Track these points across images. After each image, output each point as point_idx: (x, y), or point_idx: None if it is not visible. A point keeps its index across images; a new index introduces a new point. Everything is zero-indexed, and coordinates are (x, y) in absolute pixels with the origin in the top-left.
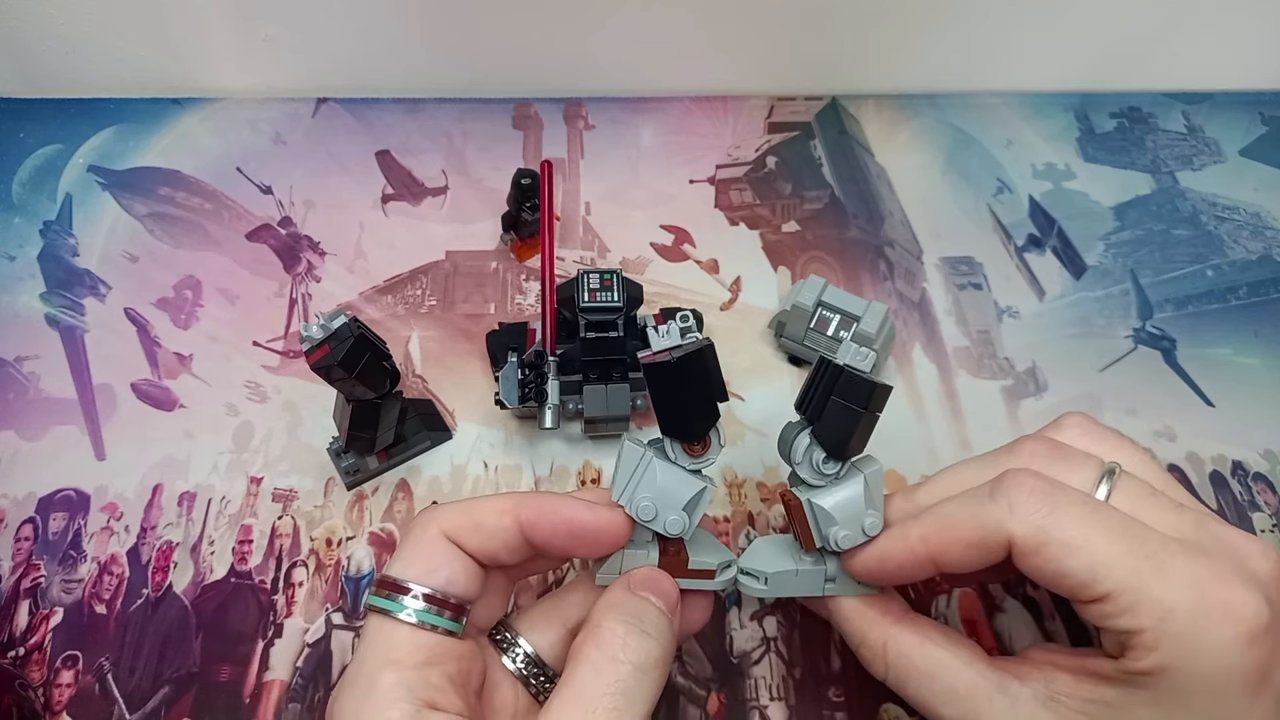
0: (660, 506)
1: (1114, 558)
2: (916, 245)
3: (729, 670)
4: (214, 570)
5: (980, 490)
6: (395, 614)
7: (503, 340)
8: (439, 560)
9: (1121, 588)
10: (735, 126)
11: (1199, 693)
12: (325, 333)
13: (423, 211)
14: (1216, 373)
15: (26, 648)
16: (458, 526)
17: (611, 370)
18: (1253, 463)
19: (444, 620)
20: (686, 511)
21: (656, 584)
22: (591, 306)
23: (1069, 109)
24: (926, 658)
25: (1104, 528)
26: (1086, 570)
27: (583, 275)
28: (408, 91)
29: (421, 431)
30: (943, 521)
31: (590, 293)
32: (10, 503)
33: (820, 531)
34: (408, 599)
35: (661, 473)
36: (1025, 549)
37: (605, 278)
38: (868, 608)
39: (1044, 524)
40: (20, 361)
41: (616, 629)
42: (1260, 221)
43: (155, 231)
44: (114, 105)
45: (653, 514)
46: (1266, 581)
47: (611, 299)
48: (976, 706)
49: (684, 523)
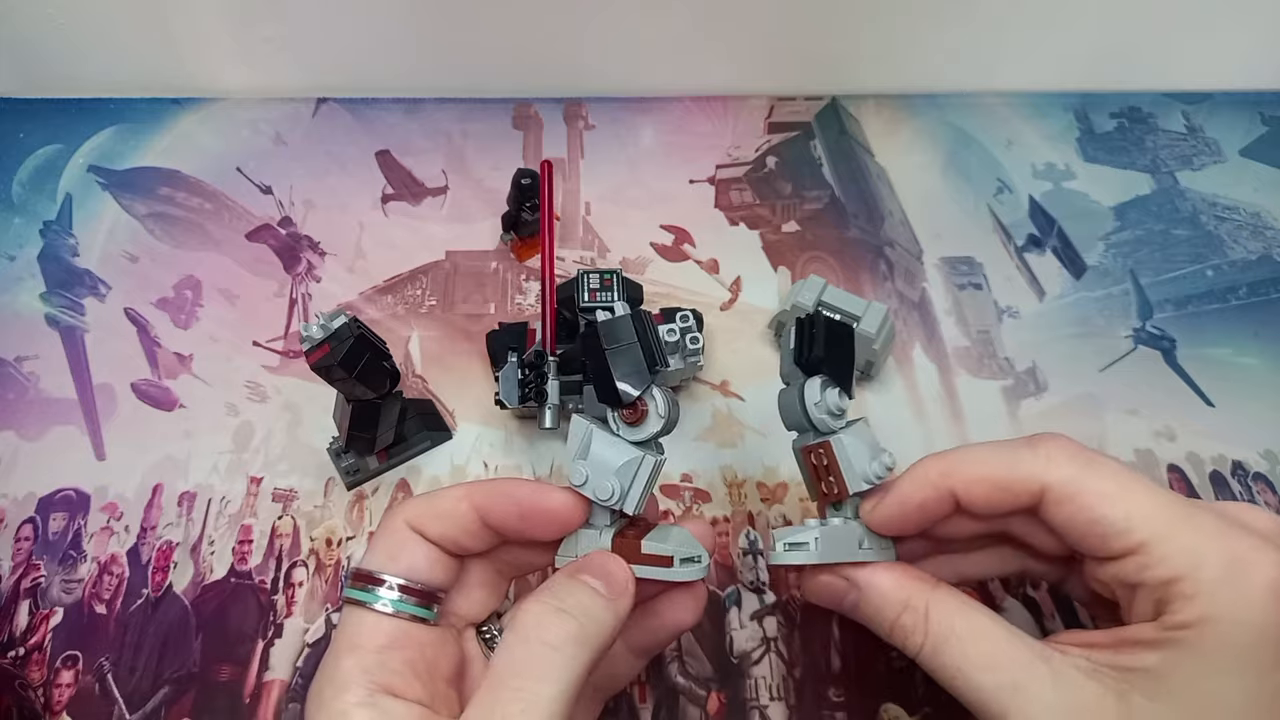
0: (592, 473)
1: (1149, 508)
2: (916, 245)
3: (729, 670)
4: (214, 570)
5: (1014, 441)
6: (364, 604)
7: (503, 340)
8: (403, 549)
9: (1156, 537)
10: (735, 126)
11: (1240, 643)
12: (325, 333)
13: (423, 211)
14: (1216, 373)
15: (26, 648)
16: (419, 515)
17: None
18: (1253, 463)
19: (409, 607)
20: (618, 478)
21: (601, 567)
22: (591, 306)
23: (1069, 109)
24: (969, 621)
25: (1138, 481)
26: (1122, 519)
27: (582, 275)
28: (408, 91)
29: (421, 431)
30: (970, 457)
31: (590, 293)
32: (10, 503)
33: (854, 470)
34: (380, 589)
35: (598, 441)
36: (1060, 496)
37: (605, 278)
38: (906, 574)
39: (1081, 474)
40: (20, 361)
41: (532, 608)
42: (1260, 221)
43: (155, 231)
44: (114, 105)
45: (583, 479)
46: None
47: (611, 299)
48: (1016, 675)
49: (613, 488)
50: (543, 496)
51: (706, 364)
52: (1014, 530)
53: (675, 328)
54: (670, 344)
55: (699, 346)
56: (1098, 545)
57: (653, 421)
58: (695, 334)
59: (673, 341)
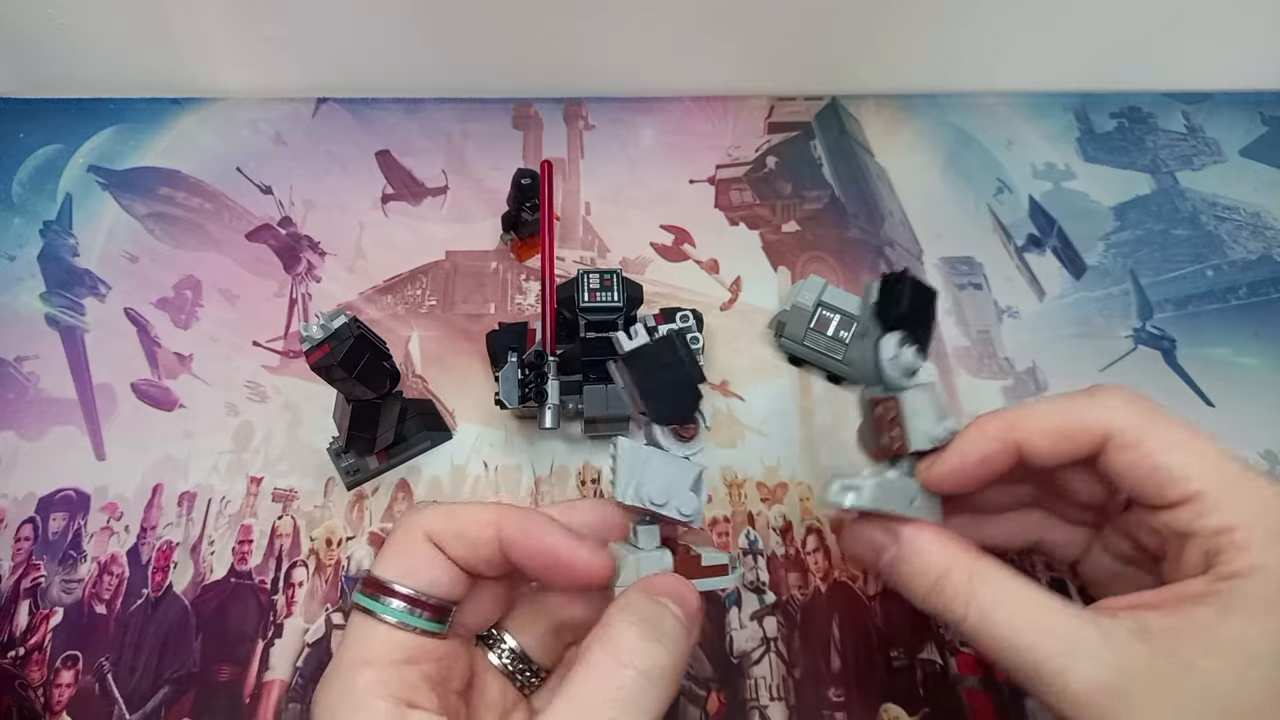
0: (670, 492)
1: (1209, 460)
2: (916, 245)
3: (729, 670)
4: (214, 570)
5: (1075, 394)
6: (377, 614)
7: (503, 340)
8: (421, 562)
9: (1213, 487)
10: (735, 126)
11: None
12: (325, 333)
13: (423, 211)
14: (1216, 373)
15: (26, 648)
16: (441, 531)
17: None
18: (1253, 463)
19: (423, 621)
20: (694, 492)
21: (677, 591)
22: (591, 306)
23: (1069, 109)
24: (1017, 589)
25: (1199, 434)
26: (1182, 466)
27: (583, 275)
28: (408, 91)
29: (421, 431)
30: (1033, 410)
31: (590, 293)
32: (10, 503)
33: (919, 429)
34: (392, 600)
35: (661, 461)
36: (1123, 443)
37: (605, 278)
38: (951, 538)
39: (1144, 422)
40: (20, 361)
41: (627, 632)
42: (1260, 221)
43: (155, 231)
44: (114, 105)
45: (665, 499)
46: None
47: (611, 299)
48: (1066, 642)
49: (695, 503)
50: (575, 553)
51: (707, 364)
52: (1066, 483)
53: (674, 328)
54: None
55: (699, 347)
56: (1154, 493)
57: (702, 434)
58: (695, 334)
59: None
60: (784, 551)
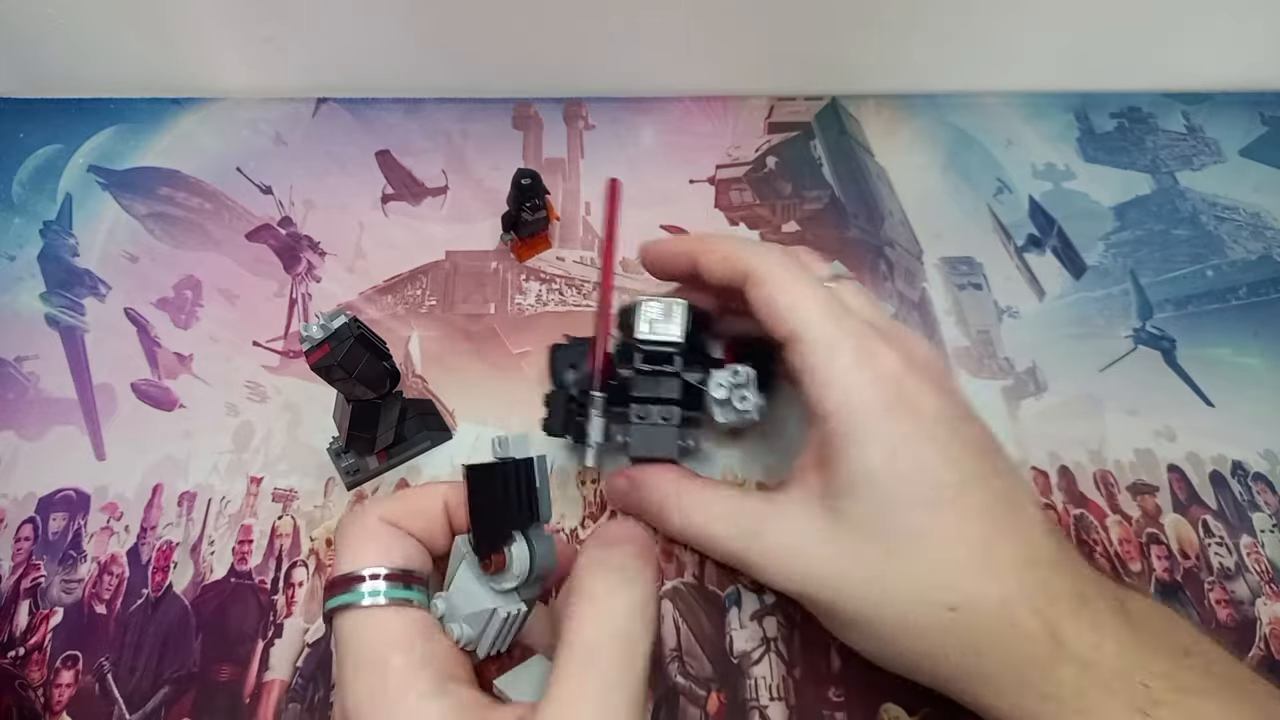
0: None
1: (811, 304)
2: (916, 245)
3: (729, 670)
4: (214, 570)
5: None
6: (366, 603)
7: (567, 357)
8: (389, 542)
9: (805, 326)
10: (735, 126)
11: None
12: (325, 333)
13: (423, 211)
14: (1216, 373)
15: (26, 648)
16: (395, 513)
17: (662, 411)
18: (1252, 463)
19: (415, 594)
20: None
21: (628, 534)
22: (649, 340)
23: (1069, 109)
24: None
25: (811, 285)
26: (787, 307)
27: (643, 304)
28: (408, 91)
29: (422, 431)
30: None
31: (650, 324)
32: (10, 503)
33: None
34: (378, 584)
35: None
36: (757, 279)
37: (668, 309)
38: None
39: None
40: (20, 361)
41: (599, 584)
42: (1260, 221)
43: (155, 231)
44: (114, 105)
45: (439, 614)
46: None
47: (671, 332)
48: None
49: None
50: None
51: None
52: None
53: (724, 382)
54: (718, 400)
55: (747, 409)
56: (772, 328)
57: (509, 578)
58: (745, 393)
59: (720, 399)
60: None
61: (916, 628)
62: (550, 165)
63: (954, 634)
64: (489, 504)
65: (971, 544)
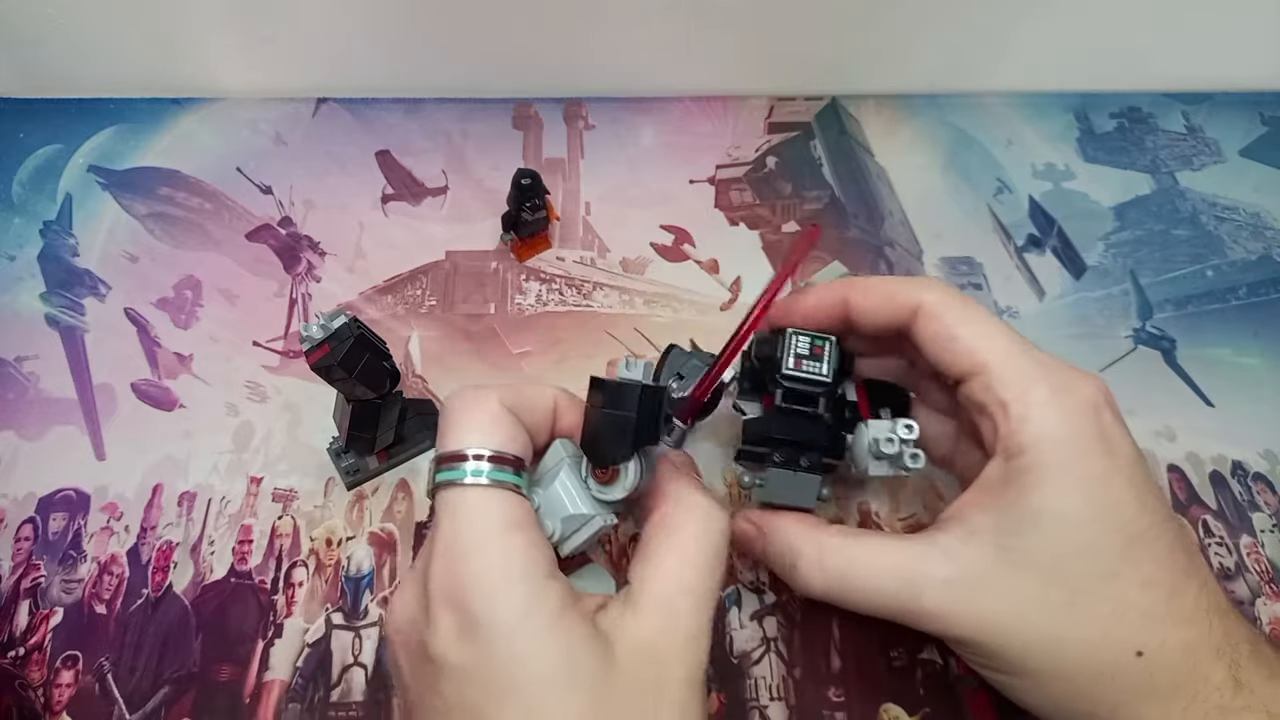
0: (544, 505)
1: (998, 338)
2: (916, 245)
3: (729, 670)
4: (214, 570)
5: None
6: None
7: (679, 363)
8: (510, 428)
9: (997, 360)
10: (735, 126)
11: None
12: (325, 333)
13: (423, 211)
14: (1216, 373)
15: (26, 648)
16: (517, 402)
17: (802, 455)
18: (1252, 463)
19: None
20: (564, 524)
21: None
22: (794, 376)
23: (1069, 109)
24: (859, 545)
25: (995, 319)
26: (973, 338)
27: (791, 335)
28: (408, 91)
29: (422, 431)
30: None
31: (796, 359)
32: (10, 503)
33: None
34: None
35: (563, 479)
36: (930, 313)
37: (817, 344)
38: (801, 522)
39: (950, 301)
40: (20, 361)
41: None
42: (1260, 221)
43: (155, 231)
44: (114, 105)
45: (535, 505)
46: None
47: (819, 370)
48: (912, 567)
49: (555, 530)
50: None
51: None
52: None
53: (895, 437)
54: (886, 455)
55: (918, 466)
56: (950, 362)
57: (617, 490)
58: (916, 452)
59: (890, 454)
60: None
61: (1099, 673)
62: (550, 165)
63: (1139, 680)
64: (615, 419)
65: (1157, 590)
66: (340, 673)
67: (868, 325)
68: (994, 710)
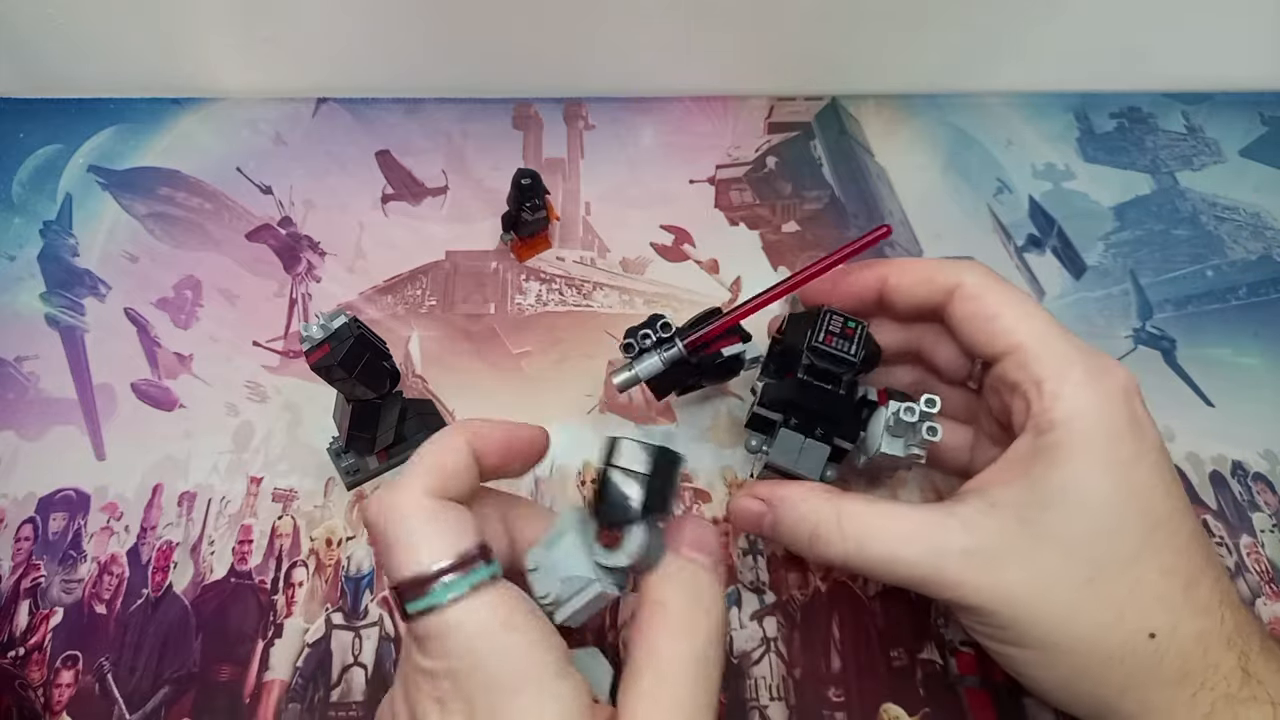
0: (543, 566)
1: (1036, 319)
2: (916, 245)
3: (729, 670)
4: (214, 570)
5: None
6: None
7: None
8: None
9: (1034, 340)
10: (735, 126)
11: (1100, 436)
12: (325, 333)
13: (423, 211)
14: (1216, 373)
15: (26, 648)
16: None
17: (817, 425)
18: (1252, 463)
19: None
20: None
21: (703, 541)
22: (824, 350)
23: (1069, 109)
24: (879, 512)
25: (1032, 300)
26: (1012, 319)
27: (828, 314)
28: (408, 91)
29: (422, 431)
30: (899, 260)
31: (828, 335)
32: (10, 503)
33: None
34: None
35: (568, 540)
36: (968, 294)
37: (849, 325)
38: (815, 490)
39: (989, 283)
40: (20, 361)
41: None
42: (1260, 222)
43: (155, 231)
44: (114, 105)
45: (533, 566)
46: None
47: (849, 350)
48: (933, 536)
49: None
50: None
51: None
52: (933, 354)
53: (916, 408)
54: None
55: (935, 439)
56: (987, 342)
57: (621, 556)
58: (934, 425)
59: (910, 422)
60: (784, 551)
61: (1110, 654)
62: (550, 165)
63: (1149, 663)
64: (626, 475)
65: (1175, 578)
66: (340, 673)
67: (903, 303)
68: (994, 710)
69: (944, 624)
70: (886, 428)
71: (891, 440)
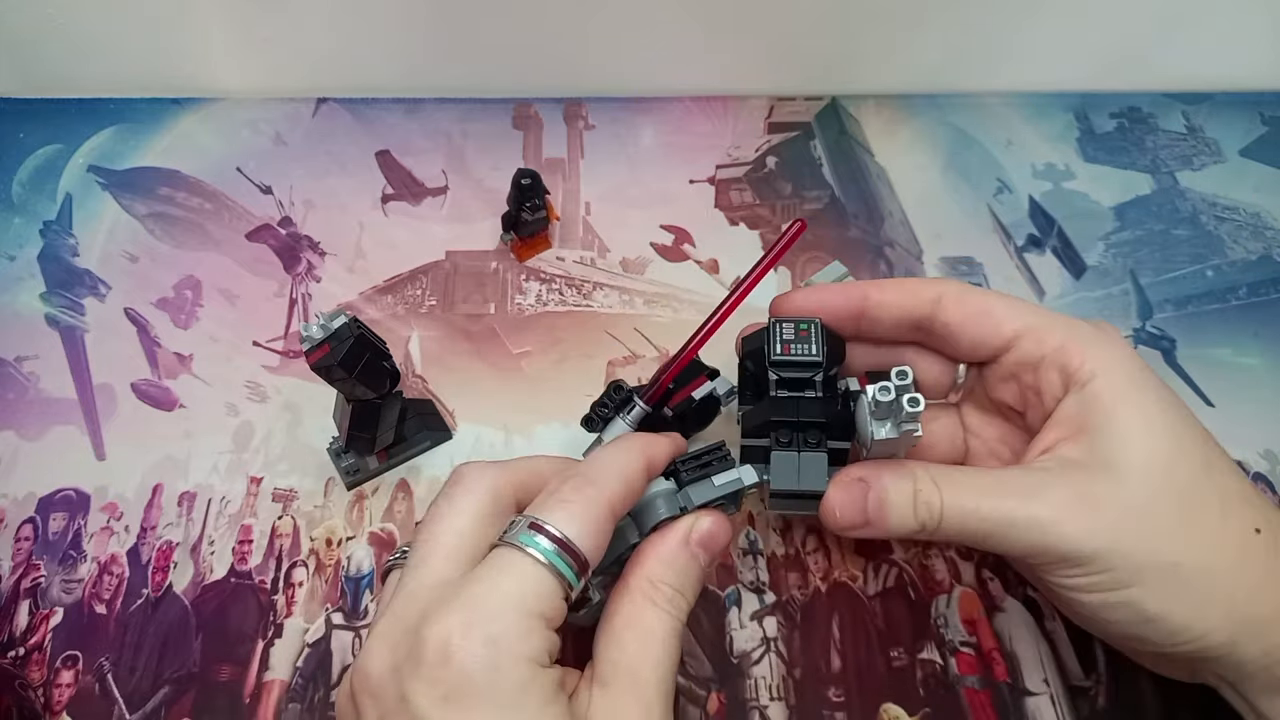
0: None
1: (1023, 303)
2: (916, 245)
3: (729, 670)
4: (214, 570)
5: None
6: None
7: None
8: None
9: (1037, 318)
10: (735, 126)
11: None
12: (325, 333)
13: (423, 211)
14: (1216, 373)
15: (26, 648)
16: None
17: (806, 435)
18: (1252, 463)
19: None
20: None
21: (714, 540)
22: (785, 361)
23: (1069, 109)
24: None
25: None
26: (1005, 309)
27: (775, 324)
28: (408, 91)
29: (422, 431)
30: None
31: (784, 344)
32: (10, 503)
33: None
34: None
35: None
36: (954, 299)
37: (801, 328)
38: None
39: (970, 288)
40: (20, 361)
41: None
42: (1260, 221)
43: (155, 231)
44: (114, 105)
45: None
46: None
47: (809, 352)
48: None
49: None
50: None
51: None
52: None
53: (890, 385)
54: (883, 404)
55: (917, 408)
56: (993, 330)
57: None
58: (914, 395)
59: (888, 401)
60: (784, 551)
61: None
62: (550, 165)
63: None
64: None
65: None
66: (340, 673)
67: (888, 318)
68: (994, 710)
69: (944, 624)
70: (870, 414)
71: (880, 424)
